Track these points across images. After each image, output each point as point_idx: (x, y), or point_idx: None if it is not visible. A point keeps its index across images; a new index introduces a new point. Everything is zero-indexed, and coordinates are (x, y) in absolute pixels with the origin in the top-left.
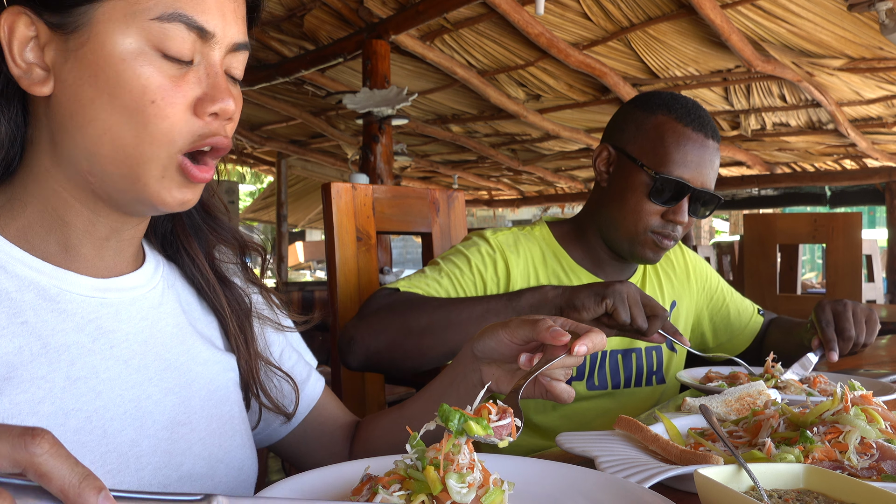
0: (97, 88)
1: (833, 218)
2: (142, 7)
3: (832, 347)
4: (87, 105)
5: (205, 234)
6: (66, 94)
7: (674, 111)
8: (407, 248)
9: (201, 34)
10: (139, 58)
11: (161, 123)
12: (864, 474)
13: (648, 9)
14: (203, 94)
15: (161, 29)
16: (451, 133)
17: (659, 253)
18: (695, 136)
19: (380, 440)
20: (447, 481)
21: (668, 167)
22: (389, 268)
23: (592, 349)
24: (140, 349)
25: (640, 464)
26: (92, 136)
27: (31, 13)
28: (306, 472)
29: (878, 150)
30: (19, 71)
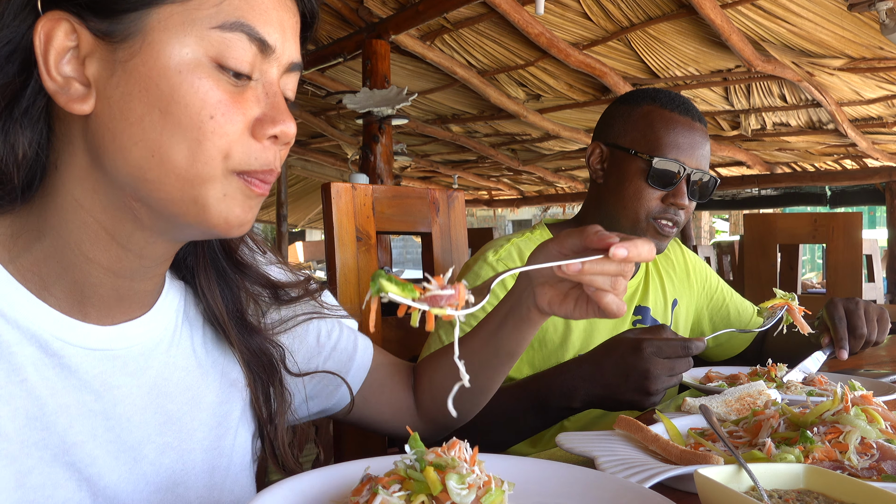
0: (148, 104)
1: (833, 218)
2: (202, 14)
3: (843, 346)
4: (134, 123)
5: (231, 278)
6: (111, 111)
7: (658, 100)
8: (407, 248)
9: (262, 48)
10: (197, 70)
11: (219, 141)
12: (864, 474)
13: (648, 9)
14: (263, 114)
15: (222, 39)
16: (451, 133)
17: (662, 241)
18: (682, 119)
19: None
20: (447, 482)
21: (662, 150)
22: (389, 268)
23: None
24: (143, 402)
25: (640, 464)
26: (140, 157)
27: (74, 19)
28: (306, 472)
29: (878, 150)
30: (55, 86)
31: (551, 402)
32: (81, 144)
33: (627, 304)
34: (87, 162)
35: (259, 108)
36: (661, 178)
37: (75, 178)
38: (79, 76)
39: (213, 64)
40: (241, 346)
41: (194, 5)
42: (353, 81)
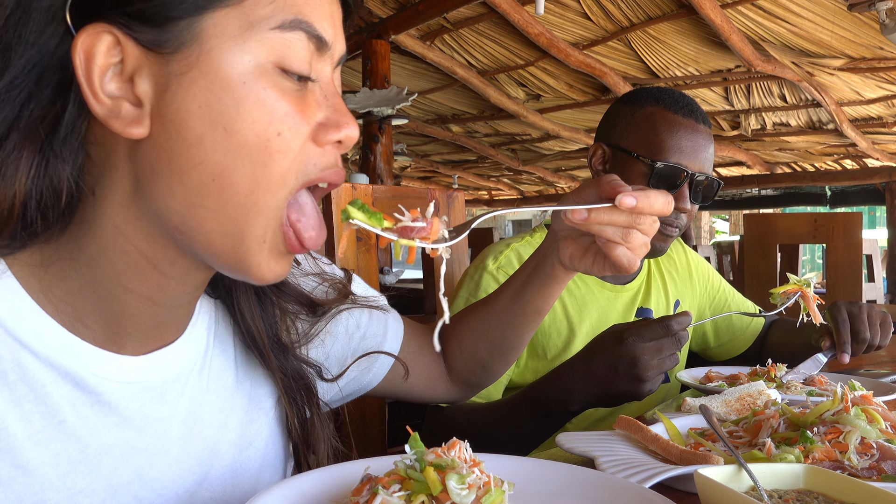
0: (210, 121)
1: (833, 218)
2: (259, 15)
3: (845, 350)
4: (193, 144)
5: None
6: (167, 131)
7: (661, 101)
8: None
9: (319, 45)
10: (261, 79)
11: (283, 161)
12: (864, 474)
13: (648, 9)
14: (325, 118)
15: (282, 40)
16: (451, 133)
17: (665, 243)
18: (685, 121)
19: (472, 342)
20: (447, 482)
21: (664, 154)
22: (389, 268)
23: (647, 208)
24: (181, 432)
25: (640, 464)
26: (196, 183)
27: (118, 31)
28: (306, 472)
29: (878, 150)
30: (105, 110)
31: (551, 408)
32: (126, 169)
33: (629, 306)
34: (132, 187)
35: (321, 112)
36: (664, 182)
37: (117, 204)
38: (127, 95)
39: (277, 69)
40: (278, 370)
41: (249, 5)
42: (353, 81)
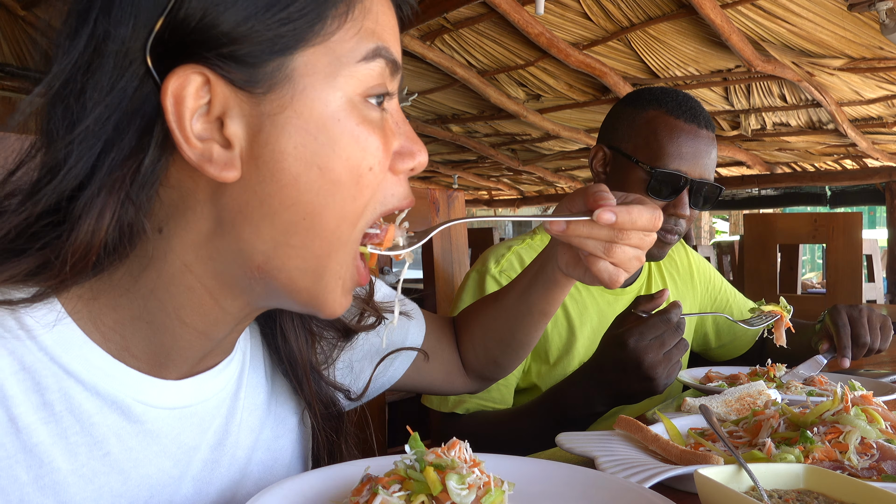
0: (305, 161)
1: (833, 218)
2: (345, 49)
3: (845, 354)
4: (288, 185)
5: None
6: (260, 173)
7: (664, 105)
8: None
9: (394, 69)
10: (353, 114)
11: (371, 196)
12: (864, 474)
13: (648, 9)
14: (401, 146)
15: (367, 71)
16: (451, 133)
17: (663, 249)
18: (687, 127)
19: (483, 337)
20: (447, 483)
21: (664, 160)
22: (389, 268)
23: (629, 224)
24: (213, 456)
25: (640, 464)
26: (286, 223)
27: (208, 71)
28: (306, 472)
29: (878, 150)
30: (197, 154)
31: (574, 413)
32: (206, 211)
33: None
34: (211, 228)
35: (397, 141)
36: (663, 189)
37: (189, 243)
38: (215, 137)
39: (364, 101)
40: (311, 396)
41: (336, 41)
42: None
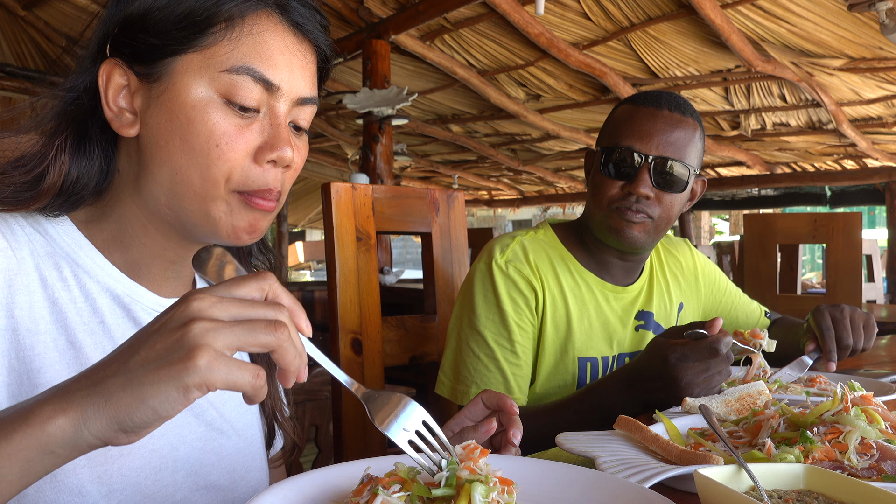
0: (172, 131)
1: (833, 218)
2: (215, 60)
3: (831, 357)
4: (163, 146)
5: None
6: (149, 135)
7: (633, 99)
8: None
9: (267, 86)
10: (209, 105)
11: (222, 166)
12: (864, 474)
13: (648, 9)
14: (264, 142)
15: (230, 80)
16: (451, 133)
17: (629, 229)
18: (646, 109)
19: None
20: (472, 493)
21: (617, 139)
22: (389, 268)
23: None
24: None
25: (640, 464)
26: (167, 174)
27: (124, 64)
28: (306, 472)
29: (878, 150)
30: (111, 114)
31: (607, 412)
32: (135, 158)
33: (628, 309)
34: (137, 172)
35: (261, 138)
36: (616, 168)
37: (129, 181)
38: (129, 107)
39: (223, 100)
40: None
41: (209, 53)
42: (353, 81)
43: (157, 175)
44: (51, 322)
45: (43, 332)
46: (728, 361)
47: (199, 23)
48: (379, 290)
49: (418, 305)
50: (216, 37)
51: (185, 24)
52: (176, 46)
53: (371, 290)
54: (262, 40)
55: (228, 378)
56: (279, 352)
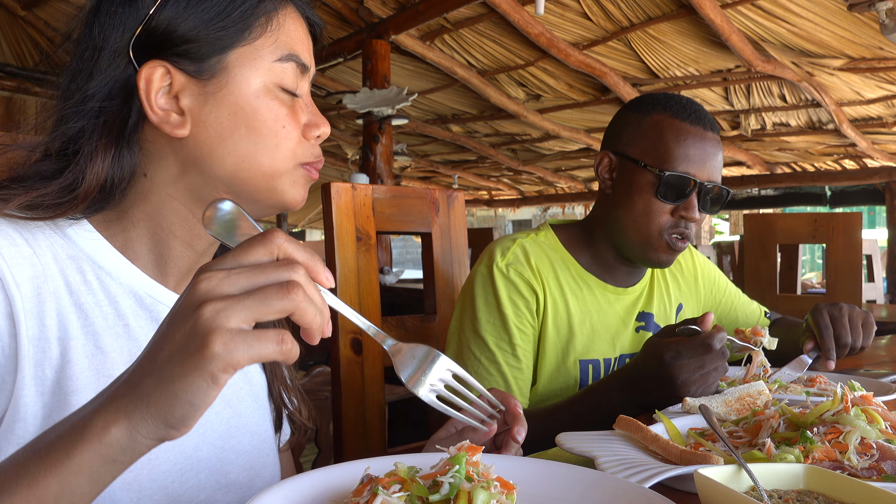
0: (237, 123)
1: (833, 218)
2: (265, 51)
3: (830, 356)
4: (227, 138)
5: None
6: (207, 132)
7: (669, 108)
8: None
9: (303, 70)
10: (268, 93)
11: (290, 143)
12: (864, 474)
13: (648, 9)
14: (309, 120)
15: (281, 69)
16: (451, 133)
17: (672, 256)
18: (693, 129)
19: None
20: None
21: (672, 163)
22: (389, 268)
23: None
24: None
25: (640, 464)
26: (233, 164)
27: (169, 64)
28: (306, 472)
29: (878, 150)
30: (158, 118)
31: (620, 412)
32: (172, 158)
33: (629, 310)
34: (179, 170)
35: (305, 116)
36: (672, 192)
37: (167, 181)
38: (174, 108)
39: (277, 87)
40: None
41: (258, 45)
42: (353, 81)
43: (220, 167)
44: (79, 328)
45: (72, 338)
46: (724, 357)
47: (245, 18)
48: (379, 290)
49: (418, 305)
50: (260, 30)
51: (229, 21)
52: (227, 42)
53: (371, 290)
54: (293, 29)
55: (251, 354)
56: (297, 313)
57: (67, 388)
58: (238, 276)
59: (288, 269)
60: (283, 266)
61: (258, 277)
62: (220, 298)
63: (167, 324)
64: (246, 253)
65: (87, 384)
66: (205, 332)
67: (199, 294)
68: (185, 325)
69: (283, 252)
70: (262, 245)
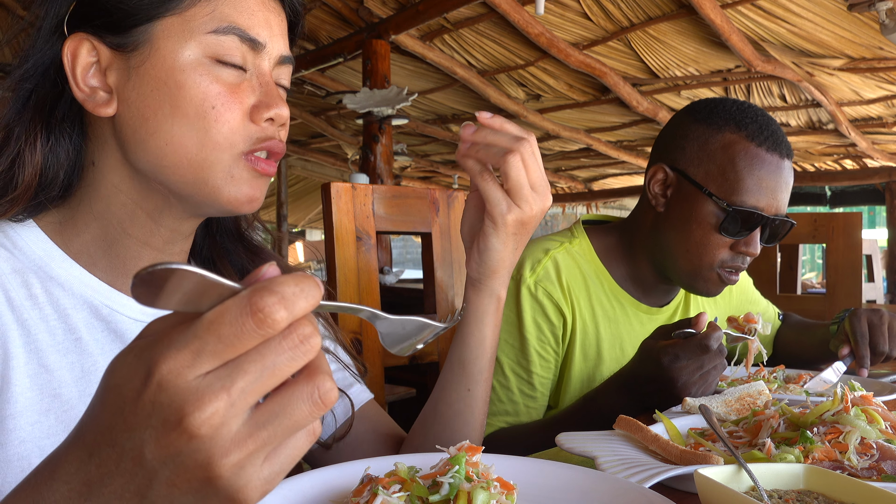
0: (159, 100)
1: (833, 218)
2: (198, 22)
3: (864, 364)
4: (150, 118)
5: (240, 259)
6: (130, 111)
7: (744, 127)
8: (407, 248)
9: (253, 45)
10: (198, 68)
11: (222, 128)
12: (864, 474)
13: (648, 9)
14: (258, 101)
15: (217, 41)
16: (451, 133)
17: (722, 288)
18: (769, 157)
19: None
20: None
21: (741, 196)
22: (389, 268)
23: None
24: None
25: (640, 464)
26: (157, 147)
27: (93, 38)
28: (306, 472)
29: (878, 150)
30: (83, 95)
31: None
32: (113, 142)
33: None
34: (120, 155)
35: (255, 97)
36: (735, 227)
37: (112, 169)
38: (102, 85)
39: (212, 61)
40: None
41: (190, 15)
42: (353, 81)
43: (143, 151)
44: (20, 346)
45: (12, 357)
46: (722, 355)
47: None
48: (379, 290)
49: (418, 305)
50: None
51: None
52: (151, 11)
53: (371, 290)
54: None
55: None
56: None
57: (4, 411)
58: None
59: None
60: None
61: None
62: (235, 446)
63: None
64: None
65: (29, 405)
66: (230, 496)
67: (202, 443)
68: (191, 476)
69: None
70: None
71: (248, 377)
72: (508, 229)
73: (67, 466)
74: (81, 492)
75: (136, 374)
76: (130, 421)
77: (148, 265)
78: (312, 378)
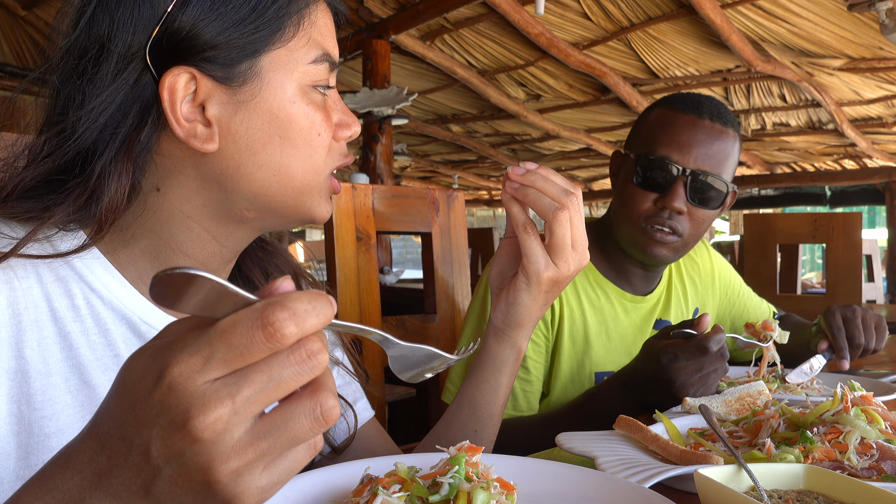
0: (270, 133)
1: (833, 218)
2: (300, 53)
3: (844, 356)
4: (258, 151)
5: (258, 259)
6: (237, 145)
7: (670, 102)
8: (407, 248)
9: (333, 67)
10: (302, 98)
11: (322, 152)
12: (864, 474)
13: (648, 9)
14: (340, 120)
15: (315, 70)
16: (451, 133)
17: (660, 248)
18: (686, 116)
19: None
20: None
21: (653, 147)
22: (389, 268)
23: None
24: None
25: (640, 464)
26: (262, 179)
27: (195, 70)
28: (306, 472)
29: (878, 150)
30: (184, 132)
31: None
32: (194, 174)
33: (646, 318)
34: (199, 185)
35: (336, 116)
36: (651, 180)
37: (184, 198)
38: (201, 119)
39: (310, 88)
40: None
41: (293, 46)
42: (353, 81)
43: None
44: (62, 360)
45: (54, 372)
46: (723, 359)
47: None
48: (379, 289)
49: (418, 305)
50: (293, 30)
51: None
52: (260, 45)
53: (371, 290)
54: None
55: (288, 478)
56: None
57: (46, 428)
58: (247, 405)
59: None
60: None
61: (272, 393)
62: (235, 453)
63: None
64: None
65: (71, 423)
66: (229, 500)
67: (202, 448)
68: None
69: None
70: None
71: (253, 387)
72: (542, 287)
73: (81, 456)
74: (93, 481)
75: (150, 373)
76: (140, 417)
77: (167, 268)
78: (316, 394)
